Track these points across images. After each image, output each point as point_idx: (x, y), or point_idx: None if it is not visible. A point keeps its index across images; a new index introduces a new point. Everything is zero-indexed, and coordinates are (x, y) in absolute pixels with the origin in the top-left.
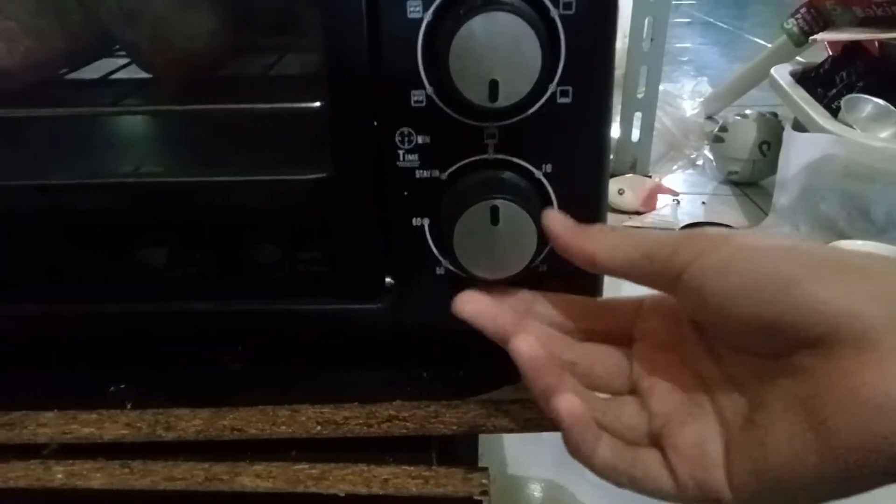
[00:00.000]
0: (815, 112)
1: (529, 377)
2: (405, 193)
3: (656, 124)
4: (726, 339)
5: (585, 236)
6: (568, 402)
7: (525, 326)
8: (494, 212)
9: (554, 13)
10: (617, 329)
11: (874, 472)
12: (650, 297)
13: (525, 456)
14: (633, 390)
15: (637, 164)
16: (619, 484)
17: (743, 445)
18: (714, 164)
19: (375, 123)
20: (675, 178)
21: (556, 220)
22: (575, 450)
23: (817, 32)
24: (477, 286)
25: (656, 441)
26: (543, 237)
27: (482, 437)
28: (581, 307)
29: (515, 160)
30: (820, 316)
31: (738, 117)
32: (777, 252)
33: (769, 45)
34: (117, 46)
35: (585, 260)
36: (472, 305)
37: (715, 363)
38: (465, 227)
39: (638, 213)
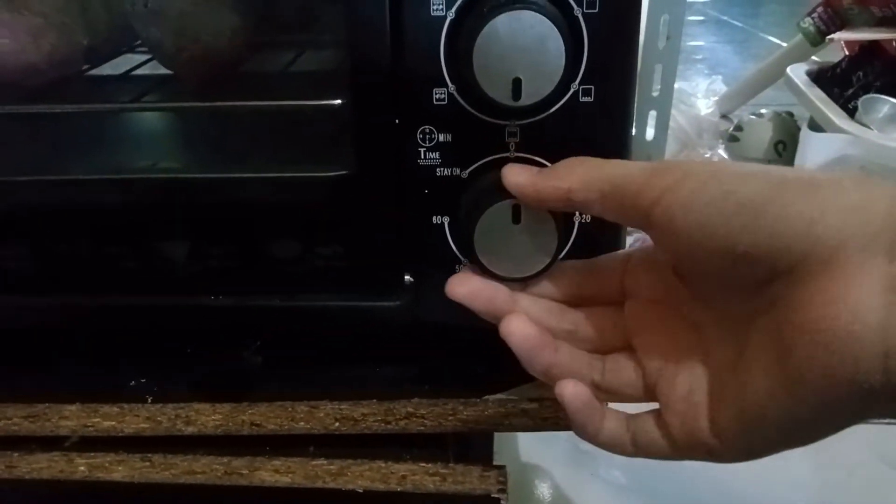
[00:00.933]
0: (832, 112)
1: (525, 357)
2: (425, 191)
3: (670, 123)
4: (703, 277)
5: (555, 175)
6: (573, 387)
7: (519, 303)
8: (516, 211)
9: (577, 11)
10: (609, 288)
11: (841, 404)
12: (637, 251)
13: (537, 453)
14: (629, 347)
15: None
16: (624, 453)
17: (727, 389)
18: None
19: (397, 121)
20: None
21: (518, 171)
22: (581, 429)
23: (834, 32)
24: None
25: (653, 397)
26: (565, 235)
27: (496, 435)
28: (572, 271)
29: (537, 158)
30: (790, 239)
31: (754, 116)
32: (745, 178)
33: (783, 44)
34: (137, 42)
35: (560, 198)
36: (466, 287)
37: (703, 308)
38: (485, 225)
39: None
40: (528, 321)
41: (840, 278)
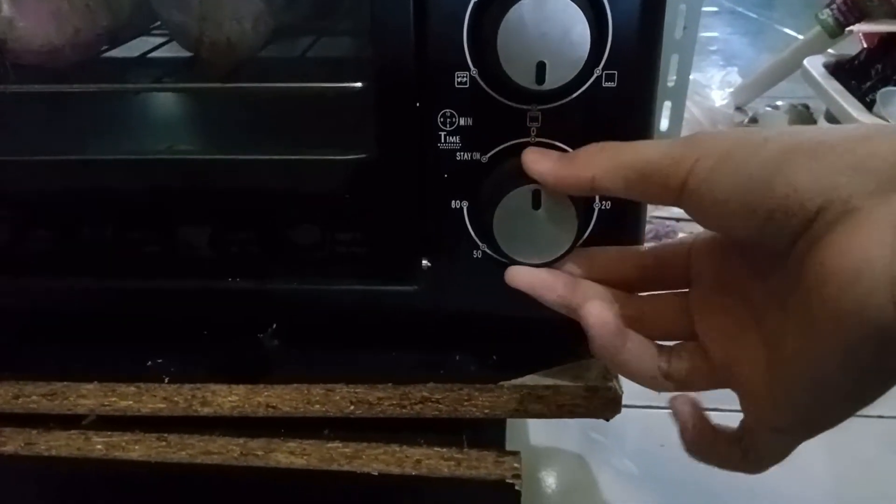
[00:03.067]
0: (850, 105)
1: (600, 344)
2: (445, 175)
3: (685, 114)
4: (744, 249)
5: (577, 164)
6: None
7: (584, 291)
8: (536, 196)
9: None
10: (674, 274)
11: (860, 348)
12: (700, 236)
13: (548, 440)
14: (693, 334)
15: None
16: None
17: (778, 361)
18: None
19: (418, 104)
20: None
21: (539, 157)
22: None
23: (853, 24)
24: None
25: (722, 384)
26: (585, 220)
27: (508, 420)
28: (632, 258)
29: (558, 144)
30: (804, 200)
31: (769, 109)
32: (759, 145)
33: (798, 36)
34: (155, 24)
35: (583, 187)
36: (529, 276)
37: (761, 286)
38: (505, 210)
39: None
40: (607, 308)
41: (850, 222)
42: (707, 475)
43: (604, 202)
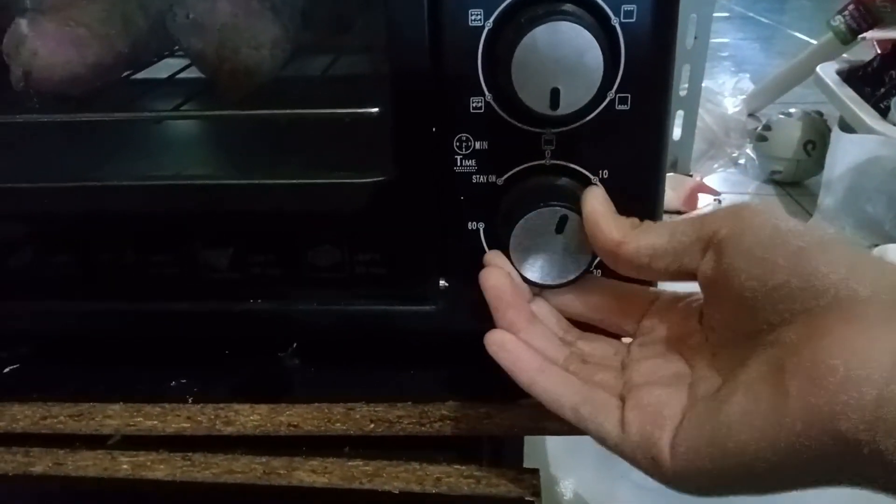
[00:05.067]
0: (864, 112)
1: (494, 306)
2: (461, 198)
3: (697, 122)
4: (727, 313)
5: (617, 223)
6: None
7: (531, 305)
8: (563, 220)
9: (615, 21)
10: (625, 318)
11: (816, 448)
12: (666, 294)
13: (566, 457)
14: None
15: (678, 163)
16: (562, 414)
17: (700, 413)
18: (756, 163)
19: (434, 129)
20: (716, 178)
21: (599, 195)
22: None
23: (865, 30)
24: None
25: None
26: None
27: (527, 438)
28: (597, 288)
29: (572, 166)
30: (821, 284)
31: (783, 116)
32: (793, 224)
33: (811, 41)
34: (177, 48)
35: (609, 245)
36: (494, 280)
37: (708, 349)
38: (521, 232)
39: (679, 212)
40: (506, 274)
41: (858, 328)
42: None
43: None
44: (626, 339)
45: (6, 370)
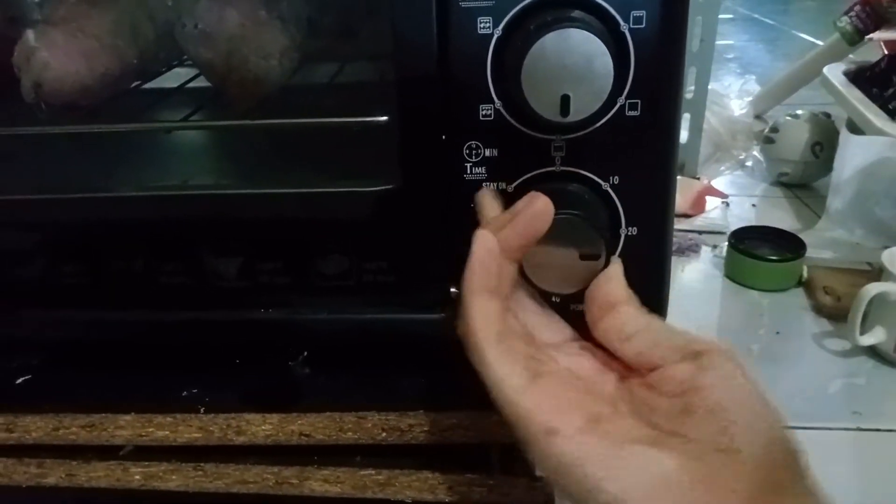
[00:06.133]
0: (871, 113)
1: (475, 269)
2: (471, 206)
3: (703, 125)
4: (670, 405)
5: (627, 289)
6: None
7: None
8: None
9: (624, 27)
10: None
11: None
12: (584, 342)
13: None
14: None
15: (685, 167)
16: (475, 341)
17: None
18: (764, 165)
19: (443, 137)
20: (724, 180)
21: (618, 263)
22: (469, 272)
23: (872, 31)
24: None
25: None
26: (609, 252)
27: None
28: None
29: (582, 172)
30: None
31: (790, 118)
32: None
33: (816, 42)
34: (185, 57)
35: (609, 302)
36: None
37: (626, 402)
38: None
39: (687, 215)
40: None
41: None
42: None
43: (630, 228)
44: None
45: (18, 381)
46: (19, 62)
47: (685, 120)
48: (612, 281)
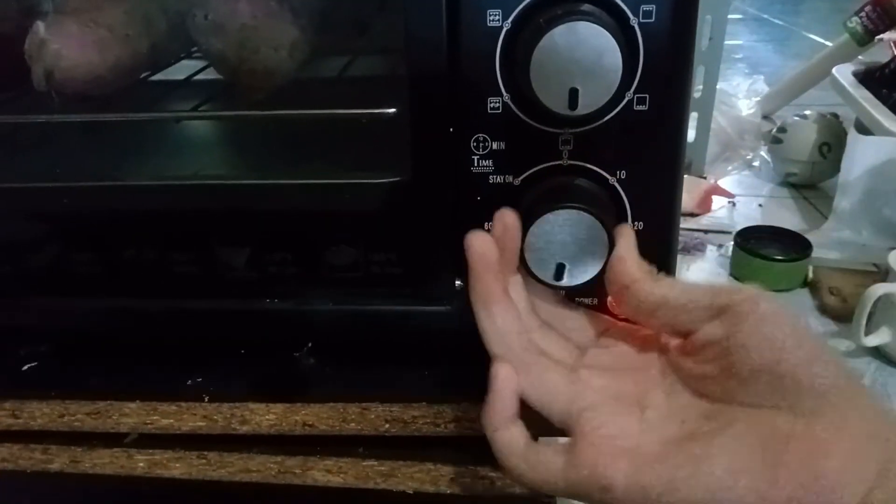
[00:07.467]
0: (880, 114)
1: (475, 272)
2: (478, 198)
3: (711, 124)
4: (711, 375)
5: (640, 264)
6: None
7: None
8: (560, 269)
9: (633, 21)
10: (576, 332)
11: None
12: (621, 325)
13: None
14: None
15: (692, 166)
16: (510, 467)
17: (668, 456)
18: (771, 165)
19: (451, 129)
20: (731, 180)
21: (632, 236)
22: (490, 410)
23: (883, 32)
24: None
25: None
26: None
27: (542, 438)
28: (555, 299)
29: (590, 166)
30: (818, 387)
31: (798, 118)
32: (803, 325)
33: (826, 42)
34: (195, 49)
35: (626, 280)
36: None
37: (662, 395)
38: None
39: (693, 214)
40: (492, 242)
41: (849, 439)
42: None
43: (636, 223)
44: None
45: (25, 368)
46: (31, 51)
47: (693, 119)
48: (624, 261)
